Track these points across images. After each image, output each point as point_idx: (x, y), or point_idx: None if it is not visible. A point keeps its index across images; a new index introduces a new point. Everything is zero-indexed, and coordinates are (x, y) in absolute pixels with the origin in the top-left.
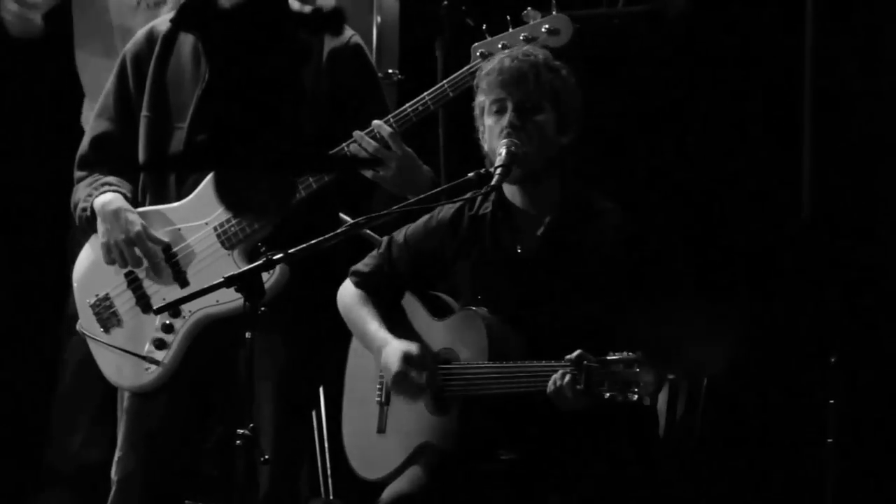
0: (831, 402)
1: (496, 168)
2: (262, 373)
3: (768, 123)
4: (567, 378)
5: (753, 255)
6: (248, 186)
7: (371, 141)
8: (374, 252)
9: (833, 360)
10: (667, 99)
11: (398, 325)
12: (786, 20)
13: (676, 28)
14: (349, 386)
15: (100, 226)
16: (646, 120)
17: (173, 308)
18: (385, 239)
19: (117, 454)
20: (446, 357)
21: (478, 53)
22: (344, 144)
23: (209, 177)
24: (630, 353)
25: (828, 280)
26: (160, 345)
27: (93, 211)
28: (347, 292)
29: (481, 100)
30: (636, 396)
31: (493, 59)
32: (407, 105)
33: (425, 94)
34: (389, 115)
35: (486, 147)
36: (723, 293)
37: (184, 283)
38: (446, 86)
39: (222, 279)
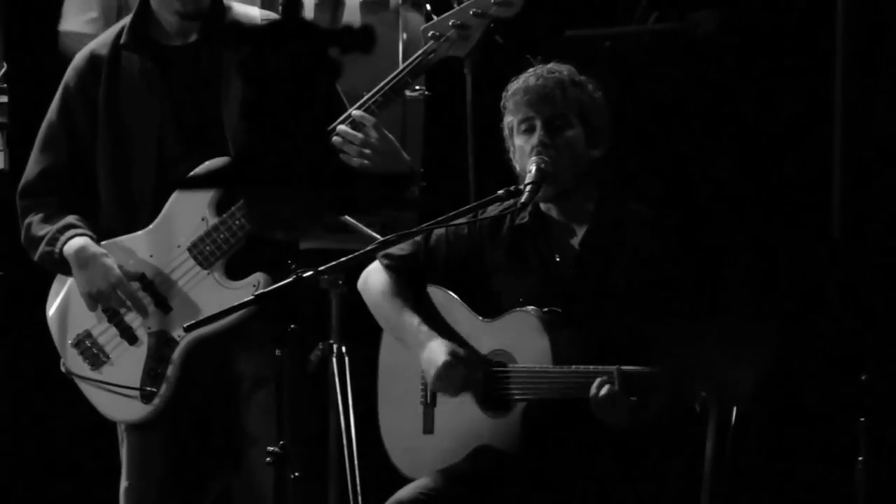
0: (862, 419)
1: (526, 185)
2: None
3: (798, 140)
4: (608, 387)
5: (784, 273)
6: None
7: (356, 133)
8: (411, 240)
9: (864, 377)
10: (697, 116)
11: (435, 319)
12: (816, 36)
13: (706, 46)
14: (384, 385)
15: (76, 275)
16: (676, 136)
17: (202, 326)
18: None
19: (124, 483)
20: (500, 359)
21: (429, 34)
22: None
23: (172, 199)
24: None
25: (859, 297)
26: (154, 375)
27: (61, 255)
28: (376, 277)
29: (509, 120)
30: (689, 402)
31: (518, 78)
32: (370, 93)
33: (385, 81)
34: (362, 103)
35: (517, 167)
36: (753, 311)
37: (166, 308)
38: (405, 73)
39: (252, 297)
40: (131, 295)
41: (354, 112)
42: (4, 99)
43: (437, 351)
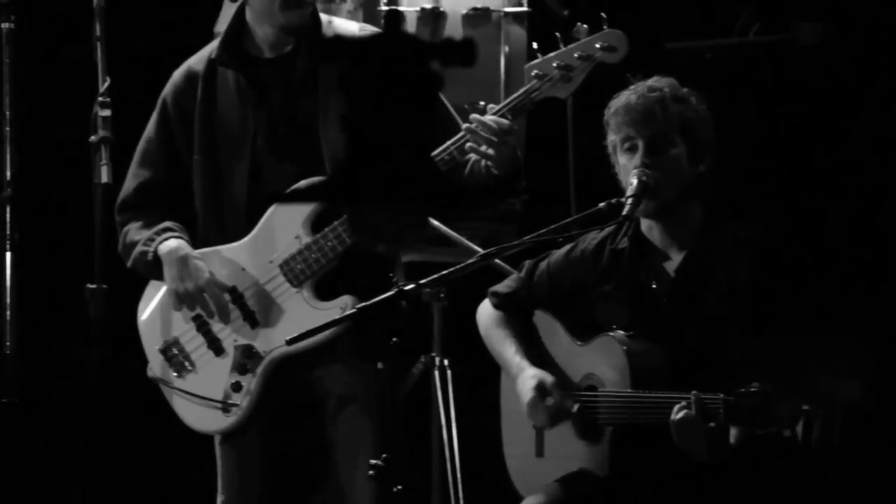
0: None
1: (627, 198)
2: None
3: None
4: (685, 412)
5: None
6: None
7: (491, 123)
8: (515, 275)
9: None
10: (800, 127)
11: (537, 345)
12: None
13: (810, 57)
14: (505, 407)
15: (167, 273)
16: (780, 148)
17: (306, 338)
18: (526, 264)
19: (220, 497)
20: (591, 383)
21: (532, 73)
22: (451, 146)
23: (268, 213)
24: (763, 385)
25: None
26: (237, 388)
27: (156, 256)
28: (486, 313)
29: (612, 138)
30: (776, 428)
31: (620, 95)
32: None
33: (486, 118)
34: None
35: (622, 183)
36: (856, 321)
37: (254, 323)
38: (505, 110)
39: (354, 310)
40: (218, 301)
41: (489, 115)
42: (107, 113)
43: (525, 385)
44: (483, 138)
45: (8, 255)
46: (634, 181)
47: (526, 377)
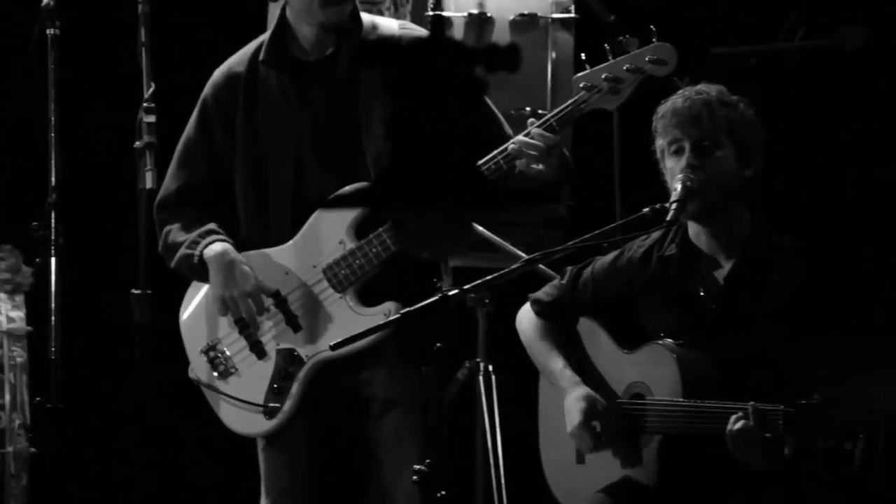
0: None
1: (671, 203)
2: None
3: None
4: (743, 422)
5: None
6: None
7: (536, 142)
8: (556, 282)
9: None
10: (846, 132)
11: (581, 354)
12: None
13: (854, 62)
14: (543, 414)
15: (213, 278)
16: (824, 154)
17: (350, 343)
18: (569, 270)
19: (264, 501)
20: (638, 391)
21: (581, 85)
22: (498, 155)
23: (313, 218)
24: (823, 396)
25: None
26: (279, 392)
27: (201, 260)
28: (527, 321)
29: (660, 143)
30: (836, 440)
31: (667, 100)
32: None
33: (529, 129)
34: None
35: (670, 189)
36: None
37: (296, 327)
38: (553, 121)
39: (398, 315)
40: (263, 306)
41: (534, 130)
42: (152, 119)
43: (574, 406)
44: (530, 156)
45: (53, 260)
46: (679, 186)
47: (575, 397)
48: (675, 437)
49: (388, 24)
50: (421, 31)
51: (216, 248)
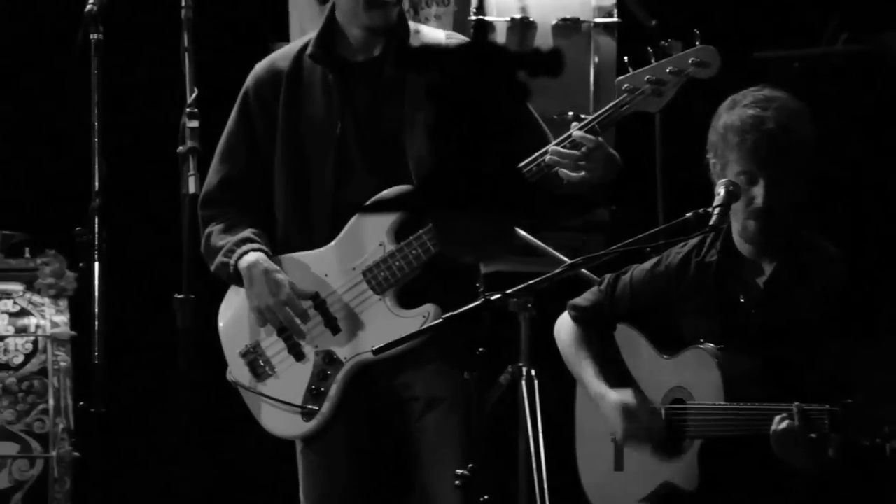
0: None
1: (714, 208)
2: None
3: None
4: (787, 423)
5: None
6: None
7: (571, 150)
8: (594, 288)
9: None
10: (888, 136)
11: (619, 361)
12: None
13: None
14: (580, 421)
15: (248, 290)
16: (866, 160)
17: (393, 348)
18: (607, 277)
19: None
20: (678, 396)
21: (624, 87)
22: (532, 162)
23: (353, 220)
24: (869, 396)
25: None
26: (318, 394)
27: (236, 268)
28: (565, 327)
29: (724, 162)
30: (882, 440)
31: (737, 110)
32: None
33: (570, 132)
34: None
35: (714, 179)
36: None
37: (335, 329)
38: (595, 123)
39: (440, 320)
40: (300, 313)
41: (575, 133)
42: (195, 124)
43: (611, 413)
44: (566, 164)
45: (96, 265)
46: (721, 191)
47: (609, 404)
48: (716, 440)
49: (434, 32)
50: (465, 40)
51: (249, 258)
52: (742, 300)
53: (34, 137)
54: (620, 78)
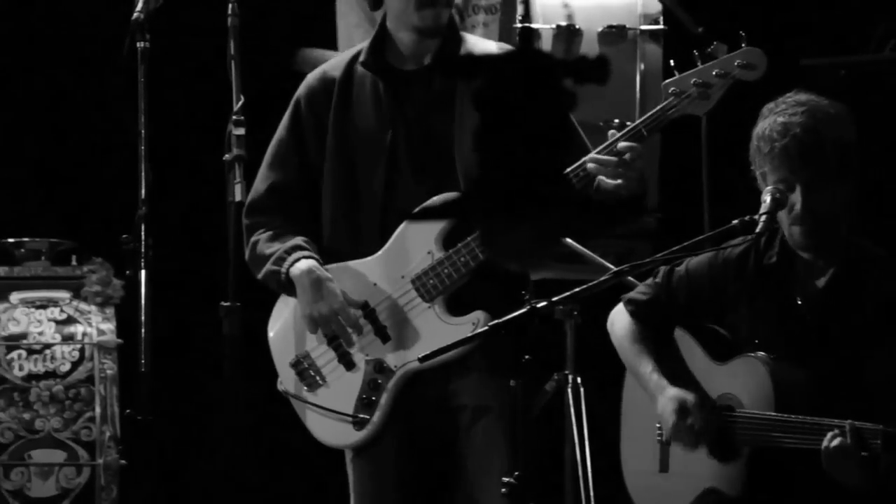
0: None
1: (761, 215)
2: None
3: None
4: (840, 440)
5: None
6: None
7: (611, 157)
8: (649, 281)
9: None
10: None
11: (674, 362)
12: None
13: None
14: (626, 421)
15: (301, 296)
16: None
17: (438, 356)
18: (663, 269)
19: None
20: (728, 403)
21: (670, 90)
22: (575, 170)
23: (401, 228)
24: None
25: None
26: (368, 403)
27: (287, 275)
28: (620, 322)
29: (763, 170)
30: None
31: (768, 118)
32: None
33: (620, 134)
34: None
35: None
36: None
37: (385, 338)
38: (641, 127)
39: (486, 328)
40: (352, 322)
41: (621, 144)
42: (241, 132)
43: (666, 407)
44: (609, 173)
45: (143, 272)
46: (768, 198)
47: (666, 398)
48: (764, 450)
49: (484, 43)
50: (511, 48)
51: (302, 265)
52: (800, 302)
53: (81, 145)
54: (667, 81)
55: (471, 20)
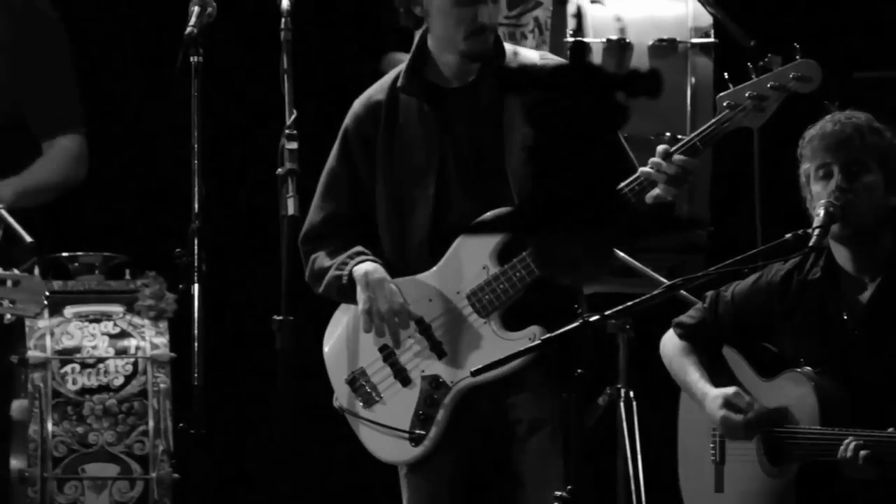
0: None
1: (814, 229)
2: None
3: None
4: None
5: None
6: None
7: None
8: (699, 305)
9: None
10: None
11: (723, 379)
12: None
13: None
14: (682, 442)
15: (361, 294)
16: None
17: (487, 371)
18: (710, 294)
19: None
20: (777, 419)
21: (725, 103)
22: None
23: (456, 244)
24: None
25: None
26: (425, 418)
27: (350, 279)
28: (670, 343)
29: (806, 167)
30: None
31: (815, 125)
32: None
33: (675, 148)
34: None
35: (812, 216)
36: None
37: (441, 353)
38: (696, 140)
39: (539, 341)
40: (408, 325)
41: (676, 157)
42: (294, 146)
43: (713, 405)
44: (662, 177)
45: (196, 286)
46: (821, 212)
47: (711, 399)
48: (813, 465)
49: (530, 53)
50: (561, 61)
51: (366, 266)
52: (845, 318)
53: (135, 159)
54: (721, 94)
55: (522, 31)
